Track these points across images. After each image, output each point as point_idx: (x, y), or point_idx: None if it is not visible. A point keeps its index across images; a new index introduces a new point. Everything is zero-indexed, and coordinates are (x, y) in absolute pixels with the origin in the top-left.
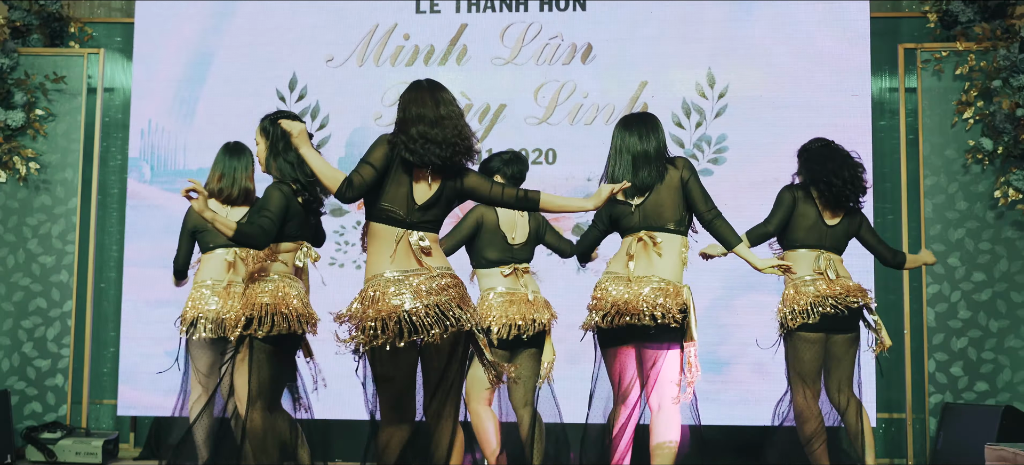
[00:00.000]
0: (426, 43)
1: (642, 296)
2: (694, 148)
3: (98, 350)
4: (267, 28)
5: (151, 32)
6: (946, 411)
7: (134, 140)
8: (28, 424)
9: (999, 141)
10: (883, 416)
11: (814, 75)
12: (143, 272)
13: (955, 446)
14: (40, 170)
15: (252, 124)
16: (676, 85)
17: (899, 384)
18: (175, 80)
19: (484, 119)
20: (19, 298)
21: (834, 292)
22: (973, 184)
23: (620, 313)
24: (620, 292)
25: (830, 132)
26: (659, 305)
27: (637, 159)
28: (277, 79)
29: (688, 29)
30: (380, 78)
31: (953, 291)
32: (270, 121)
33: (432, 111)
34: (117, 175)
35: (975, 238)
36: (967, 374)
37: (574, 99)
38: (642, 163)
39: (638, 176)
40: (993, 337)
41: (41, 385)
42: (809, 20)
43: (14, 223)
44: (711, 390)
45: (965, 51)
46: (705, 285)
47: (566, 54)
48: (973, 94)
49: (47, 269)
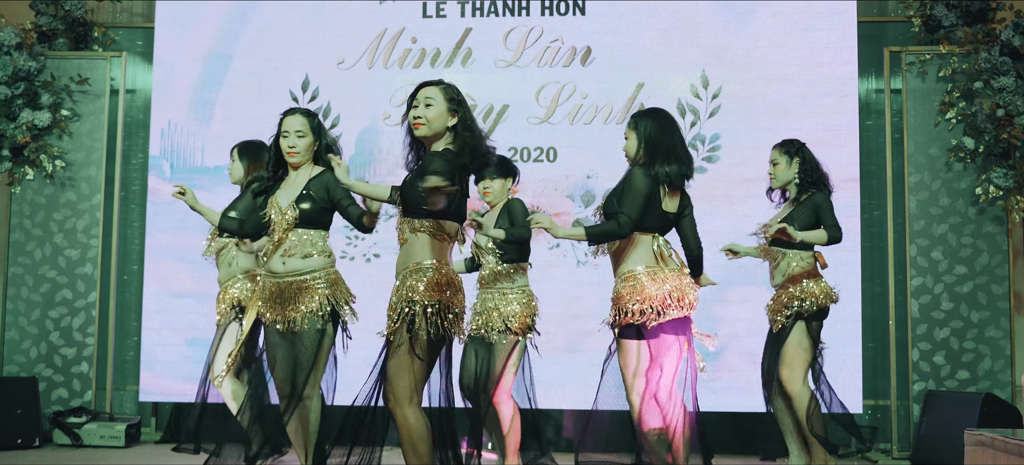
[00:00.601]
0: (432, 46)
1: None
2: (689, 147)
3: (121, 339)
4: (280, 32)
5: (170, 36)
6: (929, 398)
7: (154, 139)
8: (55, 409)
9: (980, 140)
10: (869, 403)
11: (803, 77)
12: (164, 264)
13: (938, 432)
14: (65, 168)
15: (266, 124)
16: (672, 86)
17: (884, 372)
18: (193, 82)
19: (488, 119)
20: (46, 290)
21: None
22: (955, 181)
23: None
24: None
25: (819, 132)
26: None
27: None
28: (290, 81)
29: (683, 33)
30: (388, 80)
31: (936, 283)
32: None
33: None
34: (139, 172)
35: (957, 233)
36: (949, 363)
37: (574, 100)
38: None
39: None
40: (974, 327)
41: (67, 372)
42: (798, 24)
43: (41, 218)
44: (704, 378)
45: (948, 54)
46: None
47: (566, 57)
48: (955, 95)
49: (72, 262)
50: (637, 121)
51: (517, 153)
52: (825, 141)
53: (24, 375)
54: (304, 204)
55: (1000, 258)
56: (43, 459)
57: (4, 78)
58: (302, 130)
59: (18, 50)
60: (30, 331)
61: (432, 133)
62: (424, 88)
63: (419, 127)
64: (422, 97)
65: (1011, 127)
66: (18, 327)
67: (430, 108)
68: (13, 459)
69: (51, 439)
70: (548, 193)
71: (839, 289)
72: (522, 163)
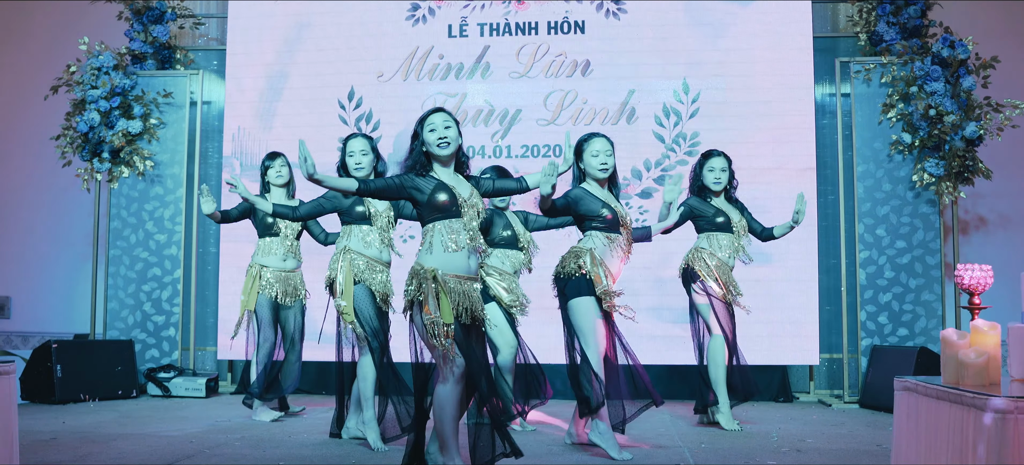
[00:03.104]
0: (457, 61)
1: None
2: (673, 143)
3: (202, 307)
4: (329, 51)
5: (239, 57)
6: (874, 352)
7: (227, 142)
8: (148, 366)
9: (916, 136)
10: (825, 356)
11: (768, 83)
12: (236, 246)
13: (881, 379)
14: (154, 167)
15: (320, 129)
16: (658, 92)
17: (838, 330)
18: (258, 94)
19: (504, 121)
20: (140, 268)
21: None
22: (896, 170)
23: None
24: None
25: (781, 130)
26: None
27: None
28: (338, 92)
29: (667, 48)
30: (420, 90)
31: (880, 255)
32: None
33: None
34: (214, 170)
35: (898, 213)
36: (891, 322)
37: (576, 104)
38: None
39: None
40: (912, 292)
41: (158, 336)
42: (764, 41)
43: (135, 209)
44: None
45: (888, 64)
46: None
47: (569, 68)
48: (895, 98)
49: (161, 245)
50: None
51: (529, 150)
52: (786, 138)
53: (123, 338)
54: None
55: (933, 234)
56: (139, 407)
57: (104, 94)
58: (365, 149)
59: (115, 71)
60: (127, 302)
61: (453, 153)
62: (440, 113)
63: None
64: (441, 121)
65: (941, 125)
66: (117, 299)
67: (451, 130)
68: (115, 407)
69: (145, 391)
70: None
71: (799, 263)
72: (532, 158)
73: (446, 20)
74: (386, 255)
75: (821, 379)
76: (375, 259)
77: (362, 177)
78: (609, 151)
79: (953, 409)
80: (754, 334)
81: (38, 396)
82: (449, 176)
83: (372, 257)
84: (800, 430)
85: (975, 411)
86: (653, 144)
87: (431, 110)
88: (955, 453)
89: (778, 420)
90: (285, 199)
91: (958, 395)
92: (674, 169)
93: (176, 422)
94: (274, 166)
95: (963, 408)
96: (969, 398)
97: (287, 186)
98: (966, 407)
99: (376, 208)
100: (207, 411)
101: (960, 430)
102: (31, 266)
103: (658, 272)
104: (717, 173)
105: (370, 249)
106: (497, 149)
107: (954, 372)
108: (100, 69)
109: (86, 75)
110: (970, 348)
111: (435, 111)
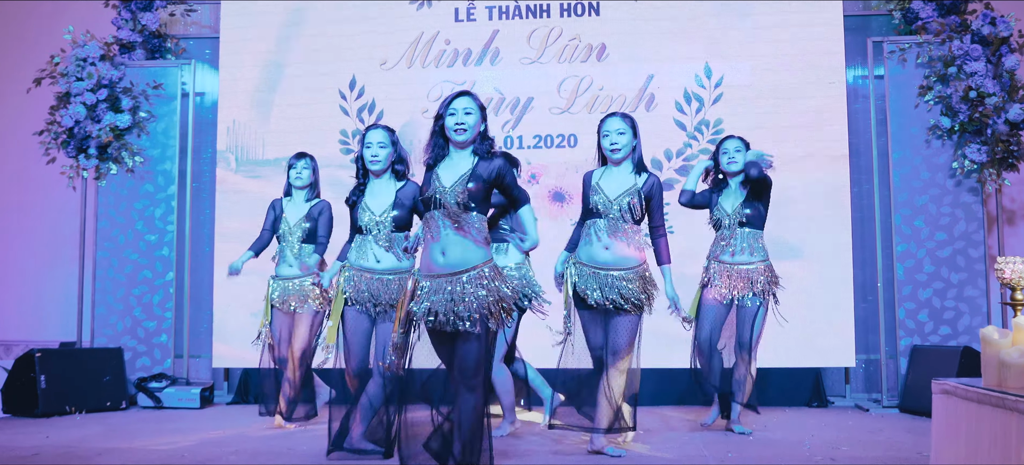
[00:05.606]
0: (464, 47)
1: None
2: (695, 131)
3: (195, 313)
4: (330, 37)
5: (233, 45)
6: (914, 352)
7: (221, 136)
8: (139, 375)
9: (956, 119)
10: (862, 357)
11: (797, 66)
12: (231, 246)
13: (922, 382)
14: (144, 163)
15: (318, 121)
16: (679, 77)
17: (874, 329)
18: (254, 85)
19: (515, 110)
20: (129, 270)
21: None
22: (934, 156)
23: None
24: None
25: (810, 116)
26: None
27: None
28: (339, 81)
29: (687, 29)
30: (426, 78)
31: (919, 249)
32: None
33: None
34: (208, 166)
35: (937, 203)
36: (932, 320)
37: (591, 91)
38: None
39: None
40: (954, 288)
41: (149, 343)
42: (791, 19)
43: (124, 208)
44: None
45: (925, 43)
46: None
47: (583, 53)
48: (932, 80)
49: (152, 245)
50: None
51: (542, 140)
52: (816, 124)
53: (111, 346)
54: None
55: (976, 224)
56: (129, 420)
57: (90, 86)
58: (383, 142)
59: (102, 61)
60: (116, 307)
61: (470, 139)
62: (464, 97)
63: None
64: (461, 107)
65: (982, 107)
66: (105, 304)
67: (471, 116)
68: (103, 420)
69: (135, 402)
70: (569, 175)
71: (832, 257)
72: (545, 149)
73: (453, 3)
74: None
75: (857, 382)
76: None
77: (377, 170)
78: (620, 130)
79: (995, 413)
80: (784, 334)
81: (20, 409)
82: (447, 166)
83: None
84: (835, 437)
85: (1019, 415)
86: (674, 132)
87: (456, 93)
88: (999, 460)
89: (811, 426)
90: (304, 202)
91: (1000, 398)
92: (696, 158)
93: (168, 435)
94: (296, 167)
95: (1006, 412)
96: (1012, 401)
97: (307, 188)
98: (1009, 411)
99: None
100: (201, 423)
101: (1003, 435)
102: (13, 270)
103: (680, 269)
104: (730, 154)
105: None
106: (508, 139)
107: (996, 373)
108: (86, 60)
109: (71, 66)
110: (1013, 347)
111: (459, 94)
